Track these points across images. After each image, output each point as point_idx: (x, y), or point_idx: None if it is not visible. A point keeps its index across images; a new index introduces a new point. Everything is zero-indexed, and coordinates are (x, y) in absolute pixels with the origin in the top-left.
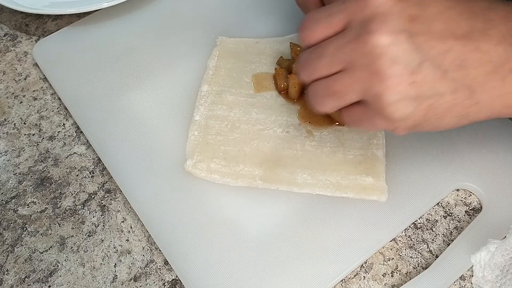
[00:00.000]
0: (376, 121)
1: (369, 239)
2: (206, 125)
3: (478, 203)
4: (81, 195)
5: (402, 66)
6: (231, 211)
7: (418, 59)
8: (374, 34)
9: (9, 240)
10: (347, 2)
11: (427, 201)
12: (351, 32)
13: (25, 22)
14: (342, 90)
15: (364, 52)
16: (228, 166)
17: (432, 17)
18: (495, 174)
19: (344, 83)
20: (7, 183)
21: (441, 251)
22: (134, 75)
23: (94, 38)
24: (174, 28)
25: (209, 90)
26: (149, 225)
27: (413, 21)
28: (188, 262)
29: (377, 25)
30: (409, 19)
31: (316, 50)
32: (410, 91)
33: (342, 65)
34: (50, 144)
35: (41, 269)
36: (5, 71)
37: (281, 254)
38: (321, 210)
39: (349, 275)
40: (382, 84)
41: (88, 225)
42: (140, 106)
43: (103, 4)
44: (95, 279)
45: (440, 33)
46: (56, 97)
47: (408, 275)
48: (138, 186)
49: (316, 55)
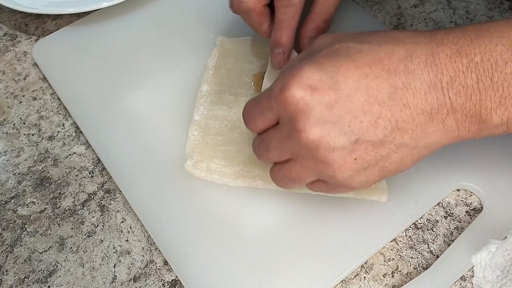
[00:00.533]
0: (340, 190)
1: (369, 239)
2: (206, 125)
3: (479, 203)
4: (80, 195)
5: (339, 150)
6: (231, 211)
7: (352, 138)
8: (303, 132)
9: (9, 240)
10: (271, 99)
11: (428, 201)
12: (284, 129)
13: (24, 22)
14: (299, 176)
15: (302, 147)
16: (228, 166)
17: (350, 94)
18: (496, 174)
19: (298, 171)
20: (7, 183)
21: (441, 251)
22: (134, 75)
23: (94, 38)
24: (174, 28)
25: (209, 90)
26: (149, 225)
27: (332, 108)
28: (188, 262)
29: (303, 123)
30: (328, 107)
31: (262, 142)
32: (357, 166)
33: (289, 155)
34: (50, 144)
35: (40, 270)
36: (4, 71)
37: (281, 254)
38: (321, 210)
39: (349, 275)
40: (330, 168)
41: (88, 225)
42: (140, 106)
43: (103, 4)
44: (94, 279)
45: (363, 106)
46: (56, 97)
47: (409, 276)
48: (138, 186)
49: (264, 147)
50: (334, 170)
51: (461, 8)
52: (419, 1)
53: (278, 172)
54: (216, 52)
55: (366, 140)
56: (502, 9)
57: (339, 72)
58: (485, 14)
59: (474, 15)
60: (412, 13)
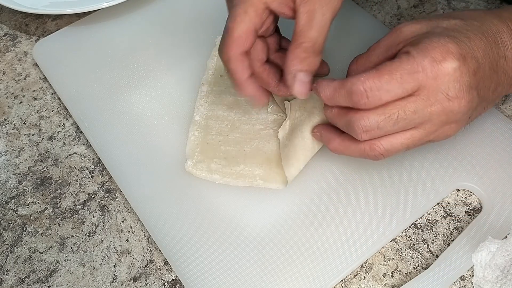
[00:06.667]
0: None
1: (369, 239)
2: (206, 125)
3: (478, 203)
4: (81, 195)
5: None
6: (231, 211)
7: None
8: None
9: (9, 240)
10: (415, 71)
11: (427, 201)
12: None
13: (25, 22)
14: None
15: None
16: (228, 166)
17: (483, 62)
18: (495, 174)
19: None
20: (7, 183)
21: (441, 251)
22: (134, 75)
23: (94, 38)
24: (174, 28)
25: (209, 90)
26: (149, 225)
27: (475, 75)
28: (188, 262)
29: (457, 91)
30: (473, 74)
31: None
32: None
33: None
34: (50, 144)
35: (41, 269)
36: (5, 71)
37: (281, 254)
38: (321, 210)
39: (349, 275)
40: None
41: (88, 225)
42: (140, 106)
43: (103, 4)
44: (95, 279)
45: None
46: (56, 97)
47: (408, 275)
48: (138, 186)
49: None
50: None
51: (461, 8)
52: (419, 1)
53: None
54: (216, 52)
55: (486, 100)
56: None
57: (470, 41)
58: None
59: None
60: (412, 13)
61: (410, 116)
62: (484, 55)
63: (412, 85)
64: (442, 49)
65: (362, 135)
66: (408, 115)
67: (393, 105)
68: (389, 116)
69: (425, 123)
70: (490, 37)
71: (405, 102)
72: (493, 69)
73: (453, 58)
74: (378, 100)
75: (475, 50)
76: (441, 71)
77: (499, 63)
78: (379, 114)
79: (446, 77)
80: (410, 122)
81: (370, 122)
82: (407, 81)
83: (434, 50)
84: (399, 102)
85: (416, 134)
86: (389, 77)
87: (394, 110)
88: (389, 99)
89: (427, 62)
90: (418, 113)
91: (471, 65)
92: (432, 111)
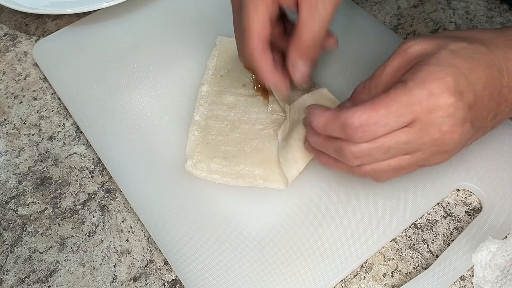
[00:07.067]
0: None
1: (369, 239)
2: (206, 125)
3: (478, 203)
4: (81, 195)
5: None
6: (232, 211)
7: (476, 132)
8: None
9: (9, 240)
10: (410, 104)
11: (427, 201)
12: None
13: (25, 22)
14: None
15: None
16: (228, 166)
17: (481, 95)
18: (495, 174)
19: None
20: (7, 183)
21: (441, 251)
22: (134, 75)
23: (94, 38)
24: (174, 28)
25: (209, 90)
26: (149, 225)
27: (471, 109)
28: (188, 262)
29: (451, 125)
30: (469, 108)
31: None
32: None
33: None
34: (50, 144)
35: (41, 269)
36: (5, 71)
37: (281, 254)
38: (321, 210)
39: (349, 275)
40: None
41: (88, 225)
42: (140, 106)
43: (103, 4)
44: (95, 279)
45: (487, 104)
46: (56, 97)
47: (408, 275)
48: (138, 186)
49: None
50: (446, 158)
51: (461, 8)
52: (418, 1)
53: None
54: (216, 52)
55: (482, 129)
56: (501, 9)
57: (472, 74)
58: (484, 14)
59: (474, 15)
60: (412, 13)
61: (401, 146)
62: (484, 87)
63: (408, 118)
64: (440, 82)
65: (353, 161)
66: (400, 145)
67: (386, 136)
68: (381, 145)
69: (415, 152)
70: (495, 66)
71: (398, 132)
72: (493, 99)
73: (449, 94)
74: (373, 134)
75: (474, 84)
76: (437, 105)
77: (501, 93)
78: (371, 143)
79: (441, 112)
80: (401, 151)
81: (361, 149)
82: (403, 115)
83: (432, 84)
84: (392, 133)
85: (405, 159)
86: (385, 111)
87: (386, 140)
88: (383, 132)
89: (423, 95)
90: (409, 143)
91: (467, 99)
92: (424, 143)
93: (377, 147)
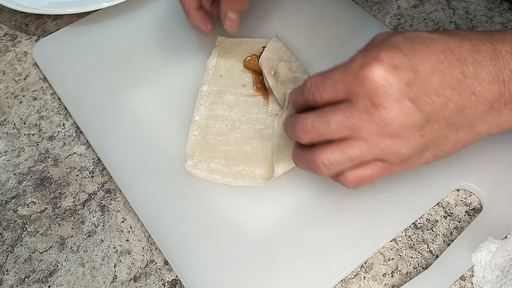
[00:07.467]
0: (394, 172)
1: (369, 239)
2: (206, 125)
3: (478, 203)
4: (81, 195)
5: (411, 127)
6: (231, 211)
7: (424, 117)
8: (381, 106)
9: (9, 240)
10: (348, 75)
11: (427, 201)
12: (357, 104)
13: (25, 22)
14: (360, 154)
15: (375, 122)
16: (228, 166)
17: (426, 77)
18: (495, 174)
19: (361, 148)
20: (7, 183)
21: (441, 251)
22: (134, 75)
23: (94, 38)
24: (174, 28)
25: (209, 90)
26: (149, 225)
27: (411, 87)
28: (188, 262)
29: (382, 98)
30: (407, 85)
31: (321, 117)
32: (421, 143)
33: (351, 132)
34: (50, 144)
35: (41, 269)
36: (5, 71)
37: (281, 254)
38: (321, 210)
39: (349, 275)
40: (398, 144)
41: (88, 225)
42: (140, 106)
43: (103, 4)
44: (95, 279)
45: (437, 88)
46: (56, 97)
47: (408, 275)
48: (138, 186)
49: (323, 122)
50: (401, 145)
51: (461, 8)
52: (418, 1)
53: (334, 150)
54: (216, 52)
55: (435, 120)
56: (501, 9)
57: (416, 55)
58: (484, 14)
59: (474, 15)
60: (412, 13)
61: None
62: (432, 71)
63: (343, 87)
64: (373, 57)
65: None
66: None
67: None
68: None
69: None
70: (452, 54)
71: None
72: (450, 87)
73: (381, 66)
74: (318, 96)
75: (416, 64)
76: (366, 76)
77: (464, 83)
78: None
79: (371, 83)
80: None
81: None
82: (339, 81)
83: (365, 57)
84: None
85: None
86: (328, 76)
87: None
88: (325, 97)
89: (354, 66)
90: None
91: (404, 76)
92: (364, 119)
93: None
